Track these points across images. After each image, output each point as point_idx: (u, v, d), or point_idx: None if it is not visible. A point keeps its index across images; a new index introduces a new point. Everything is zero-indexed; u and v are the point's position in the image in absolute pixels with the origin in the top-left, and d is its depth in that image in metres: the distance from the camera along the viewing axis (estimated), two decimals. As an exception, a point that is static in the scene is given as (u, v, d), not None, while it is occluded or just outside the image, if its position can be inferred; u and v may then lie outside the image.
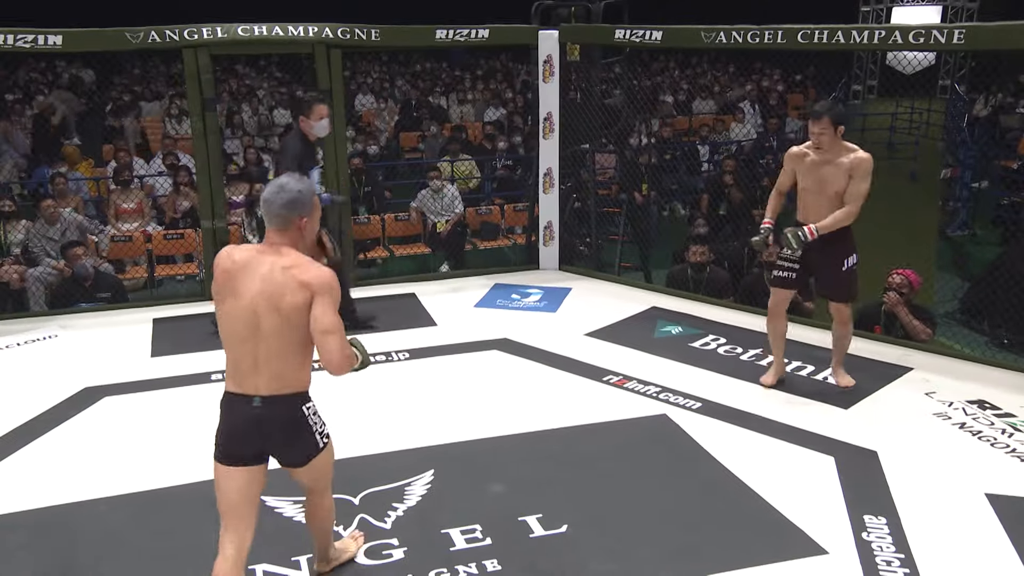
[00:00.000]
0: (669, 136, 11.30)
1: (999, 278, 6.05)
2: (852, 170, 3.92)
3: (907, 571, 2.92)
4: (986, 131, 10.37)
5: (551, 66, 6.40)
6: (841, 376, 4.40)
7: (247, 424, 2.51)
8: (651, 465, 3.70)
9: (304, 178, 2.62)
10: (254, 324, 2.48)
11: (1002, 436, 3.90)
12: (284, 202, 2.49)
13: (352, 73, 15.00)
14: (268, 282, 2.46)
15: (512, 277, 6.56)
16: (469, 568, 2.98)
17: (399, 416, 4.20)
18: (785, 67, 15.05)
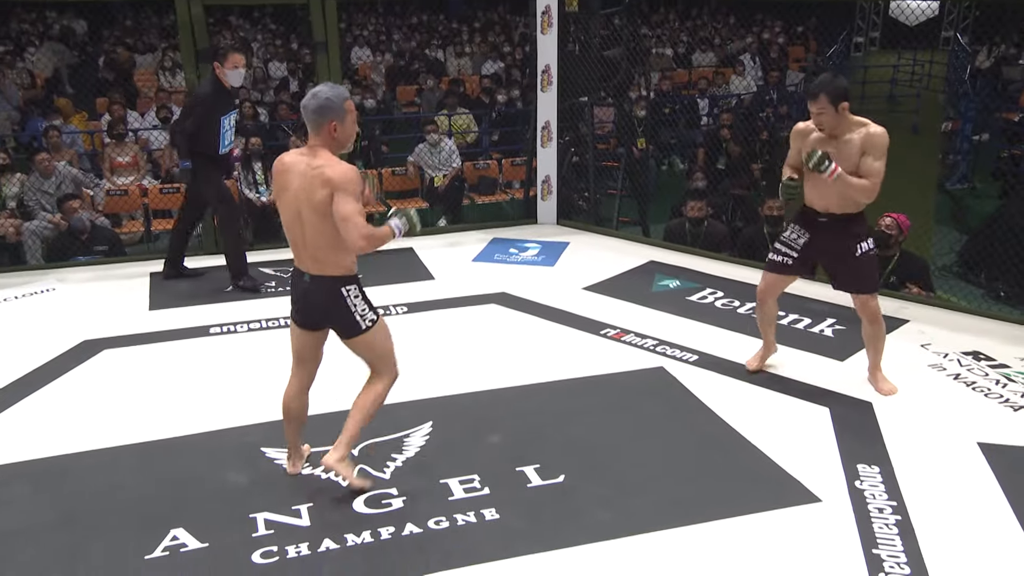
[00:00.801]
0: (668, 89, 11.18)
1: (997, 231, 6.04)
2: (864, 147, 3.49)
3: (899, 518, 2.96)
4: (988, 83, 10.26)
5: (549, 17, 6.30)
6: (881, 381, 3.87)
7: (300, 295, 3.02)
8: (648, 417, 3.72)
9: (336, 86, 2.93)
10: (297, 215, 2.89)
11: (996, 386, 3.92)
12: (315, 107, 2.83)
13: (348, 25, 14.77)
14: (303, 179, 2.84)
15: (510, 231, 6.55)
16: (467, 516, 3.01)
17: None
18: (786, 18, 14.83)
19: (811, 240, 3.74)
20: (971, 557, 2.77)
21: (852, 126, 3.54)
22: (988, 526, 2.93)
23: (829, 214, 3.66)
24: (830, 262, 3.79)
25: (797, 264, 3.80)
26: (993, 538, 2.87)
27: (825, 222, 3.68)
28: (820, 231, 3.70)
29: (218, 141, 5.19)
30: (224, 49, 5.21)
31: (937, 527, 2.91)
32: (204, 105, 5.11)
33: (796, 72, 12.32)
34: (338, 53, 6.07)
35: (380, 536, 2.91)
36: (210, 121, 5.13)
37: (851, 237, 3.65)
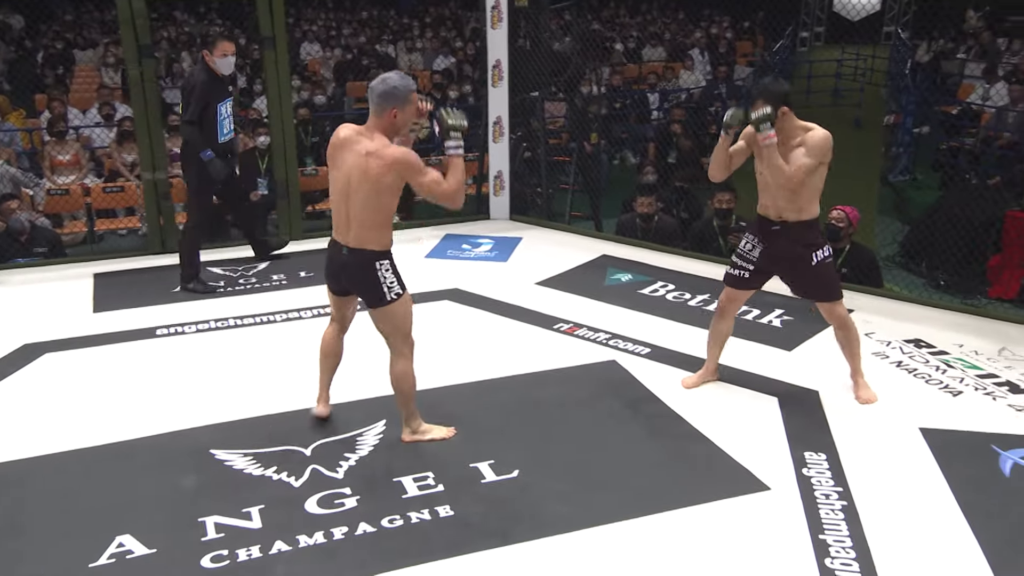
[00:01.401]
0: (619, 84, 11.25)
1: (937, 222, 6.21)
2: (803, 144, 3.48)
3: (844, 503, 3.03)
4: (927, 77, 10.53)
5: (499, 12, 6.30)
6: (861, 388, 3.78)
7: (336, 265, 3.27)
8: (601, 410, 3.75)
9: (407, 77, 3.10)
10: (346, 191, 3.10)
11: (936, 373, 4.03)
12: (381, 91, 3.03)
13: (296, 20, 14.58)
14: (359, 158, 3.04)
15: (463, 227, 6.54)
16: (422, 514, 3.00)
17: (350, 367, 4.16)
18: (734, 14, 15.03)
19: (766, 250, 3.67)
20: (913, 539, 2.85)
21: (797, 131, 3.50)
22: (929, 508, 3.02)
23: (782, 221, 3.60)
24: (786, 271, 3.73)
25: (754, 276, 3.74)
26: (933, 520, 2.95)
27: (778, 230, 3.61)
28: (774, 240, 3.63)
29: (216, 129, 5.13)
30: (212, 37, 5.17)
31: (881, 511, 2.99)
32: (199, 91, 5.05)
33: (744, 67, 12.49)
34: (286, 49, 5.99)
35: (333, 536, 2.89)
36: (208, 109, 5.08)
37: (806, 246, 3.59)
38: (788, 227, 3.59)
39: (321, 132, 8.11)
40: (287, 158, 6.13)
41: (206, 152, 5.09)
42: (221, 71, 5.13)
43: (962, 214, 6.33)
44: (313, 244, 6.17)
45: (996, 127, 8.62)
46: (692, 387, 3.92)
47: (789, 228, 3.59)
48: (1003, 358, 4.19)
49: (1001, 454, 3.33)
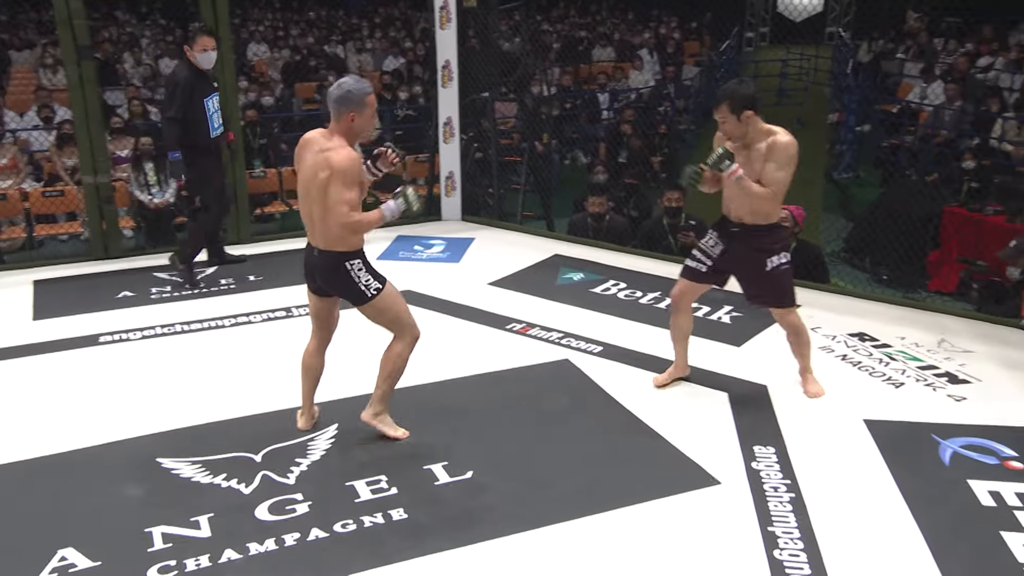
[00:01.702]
0: (569, 84, 11.31)
1: (878, 218, 6.37)
2: (768, 154, 3.43)
3: (792, 495, 3.09)
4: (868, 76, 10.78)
5: (448, 12, 6.28)
6: (810, 383, 3.84)
7: (309, 266, 3.28)
8: (554, 409, 3.77)
9: (362, 80, 3.15)
10: (307, 192, 3.14)
11: (879, 365, 4.13)
12: (337, 96, 3.07)
13: (242, 21, 14.36)
14: (314, 159, 3.08)
15: (414, 228, 6.51)
16: (375, 518, 2.98)
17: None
18: (681, 14, 15.21)
19: (725, 250, 3.65)
20: (858, 528, 2.92)
21: (761, 134, 3.45)
22: (873, 498, 3.09)
23: (741, 224, 3.58)
24: (742, 275, 3.73)
25: (711, 272, 3.71)
26: (877, 509, 3.03)
27: (737, 232, 3.60)
28: (733, 241, 3.62)
29: (207, 125, 5.12)
30: (193, 32, 5.17)
31: (827, 502, 3.05)
32: (184, 89, 5.02)
33: (692, 67, 12.65)
34: (231, 49, 5.89)
35: (284, 543, 2.85)
36: (194, 105, 5.05)
37: (762, 251, 3.57)
38: (747, 230, 3.58)
39: (269, 134, 8.00)
40: (234, 160, 6.02)
41: (173, 153, 5.12)
42: (202, 66, 5.10)
43: (902, 210, 6.51)
44: (263, 248, 6.09)
45: (933, 125, 8.87)
46: (662, 384, 3.92)
47: (748, 231, 3.58)
48: (942, 350, 4.31)
49: (941, 443, 3.43)
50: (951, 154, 8.08)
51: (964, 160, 7.81)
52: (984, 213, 6.80)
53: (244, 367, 4.19)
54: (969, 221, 6.81)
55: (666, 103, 10.81)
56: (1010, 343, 4.40)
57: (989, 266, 6.11)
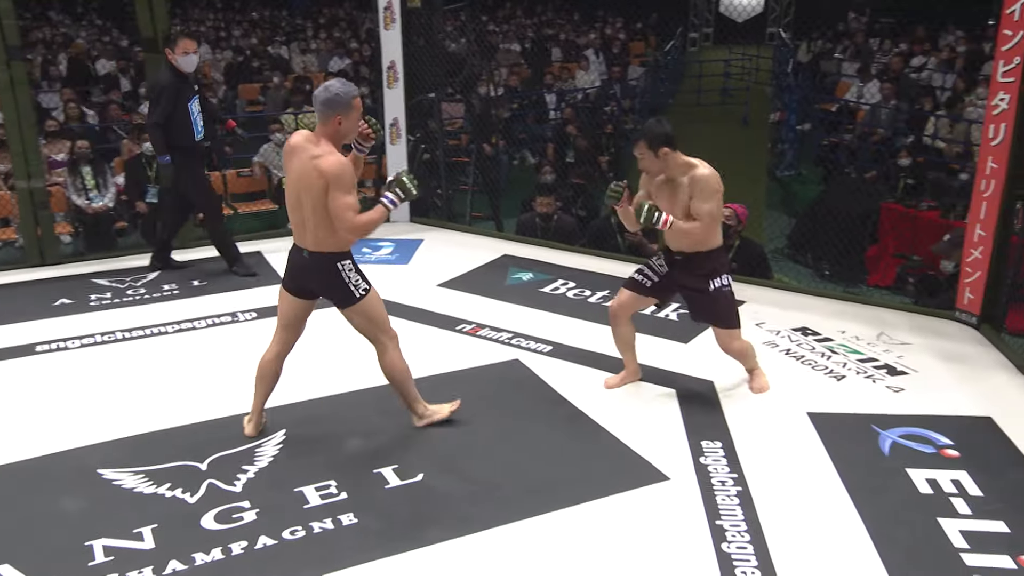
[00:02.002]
0: (517, 85, 11.33)
1: (819, 215, 6.51)
2: (691, 189, 3.51)
3: (739, 489, 3.14)
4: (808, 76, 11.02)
5: (392, 13, 6.24)
6: (755, 379, 3.93)
7: (298, 268, 3.29)
8: (504, 409, 3.77)
9: (348, 83, 3.14)
10: (298, 197, 3.16)
11: (821, 359, 4.23)
12: (324, 100, 3.08)
13: (183, 21, 14.08)
14: (303, 166, 3.10)
15: (362, 230, 6.44)
16: (324, 524, 2.95)
17: (247, 378, 4.06)
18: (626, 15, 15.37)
19: (669, 273, 3.74)
20: (802, 519, 2.98)
21: (681, 168, 3.54)
22: (816, 489, 3.16)
23: (682, 253, 3.67)
24: (687, 295, 3.84)
25: (655, 288, 3.78)
26: (820, 500, 3.10)
27: (679, 260, 3.69)
28: (675, 267, 3.72)
29: (192, 128, 5.15)
30: (174, 35, 5.20)
31: (773, 494, 3.11)
32: (168, 92, 5.06)
33: (637, 67, 12.78)
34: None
35: (232, 552, 2.80)
36: (179, 109, 5.08)
37: (704, 274, 3.65)
38: (689, 258, 3.66)
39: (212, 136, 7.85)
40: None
41: (164, 158, 5.18)
42: (184, 69, 5.12)
43: (842, 207, 6.68)
44: (205, 252, 5.97)
45: (870, 123, 9.11)
46: (614, 387, 3.95)
47: (690, 259, 3.66)
48: (881, 342, 4.43)
49: (881, 433, 3.52)
50: (888, 152, 8.31)
51: (900, 157, 8.04)
52: (919, 209, 7.01)
53: (188, 374, 4.11)
54: (905, 217, 7.01)
55: (612, 103, 10.91)
56: (945, 335, 4.54)
57: (924, 260, 6.30)
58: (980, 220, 4.45)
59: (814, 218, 6.82)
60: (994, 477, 3.21)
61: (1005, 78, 4.21)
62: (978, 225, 4.47)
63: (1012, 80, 4.18)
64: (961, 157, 8.07)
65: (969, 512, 3.00)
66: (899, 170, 7.89)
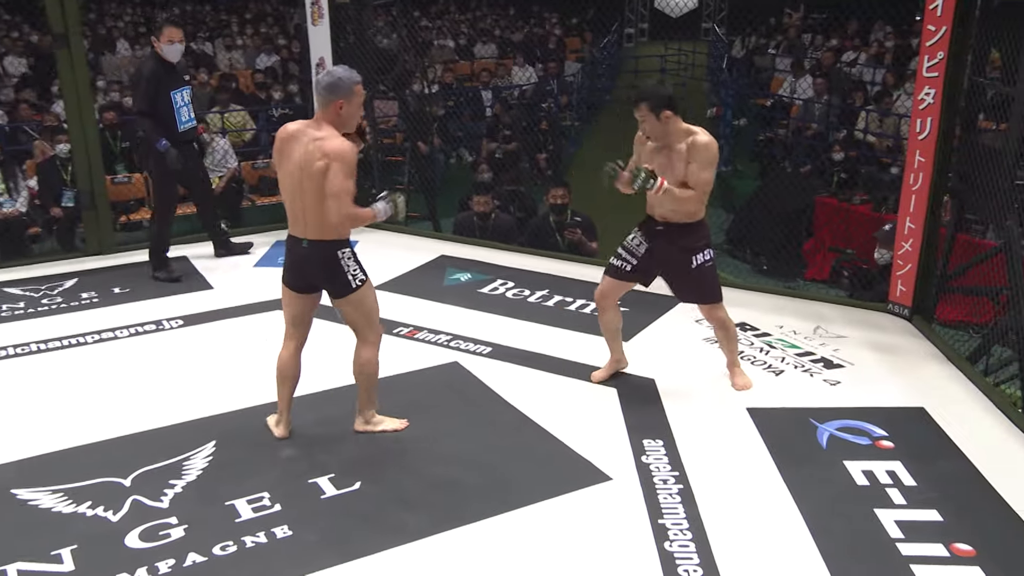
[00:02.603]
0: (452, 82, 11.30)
1: (756, 210, 6.65)
2: (690, 155, 3.50)
3: (681, 487, 3.19)
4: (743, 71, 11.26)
5: (319, 8, 6.17)
6: (737, 376, 3.97)
7: (297, 259, 3.28)
8: (444, 413, 3.76)
9: (352, 70, 3.17)
10: (298, 183, 3.14)
11: (760, 354, 4.32)
12: (326, 84, 3.11)
13: (99, 16, 13.67)
14: (305, 150, 3.11)
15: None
16: (257, 537, 2.90)
17: (174, 388, 3.98)
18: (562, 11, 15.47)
19: (650, 250, 3.72)
20: (742, 515, 3.04)
21: (681, 134, 3.53)
22: (756, 484, 3.23)
23: (666, 223, 3.66)
24: (668, 274, 3.82)
25: (635, 271, 3.78)
26: (760, 494, 3.16)
27: (662, 231, 3.68)
28: (658, 240, 3.70)
29: (174, 119, 5.14)
30: (159, 23, 5.23)
31: (714, 491, 3.17)
32: (149, 82, 5.07)
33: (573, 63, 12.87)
34: (82, 47, 5.59)
35: (158, 571, 2.73)
36: (161, 98, 5.09)
37: (687, 250, 3.67)
38: (671, 229, 3.66)
39: (132, 137, 7.64)
40: (91, 166, 5.73)
41: (161, 142, 5.11)
42: (168, 58, 5.13)
43: (778, 202, 6.84)
44: (127, 258, 5.82)
45: (804, 118, 9.35)
46: (602, 380, 4.00)
47: (672, 230, 3.66)
48: (818, 336, 4.55)
49: (819, 427, 3.62)
50: (821, 147, 8.54)
51: (833, 151, 8.27)
52: (852, 203, 7.23)
53: (109, 386, 3.99)
54: (839, 211, 7.22)
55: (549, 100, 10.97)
56: (879, 327, 4.69)
57: (857, 253, 6.49)
58: (910, 213, 4.61)
59: (751, 213, 6.97)
60: (927, 467, 3.33)
61: (930, 73, 4.37)
62: (908, 218, 4.62)
63: (936, 75, 4.34)
64: (892, 151, 8.35)
65: (904, 502, 3.10)
66: (833, 164, 8.12)
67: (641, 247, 3.75)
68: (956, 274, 4.76)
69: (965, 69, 4.39)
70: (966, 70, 4.40)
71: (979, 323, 4.80)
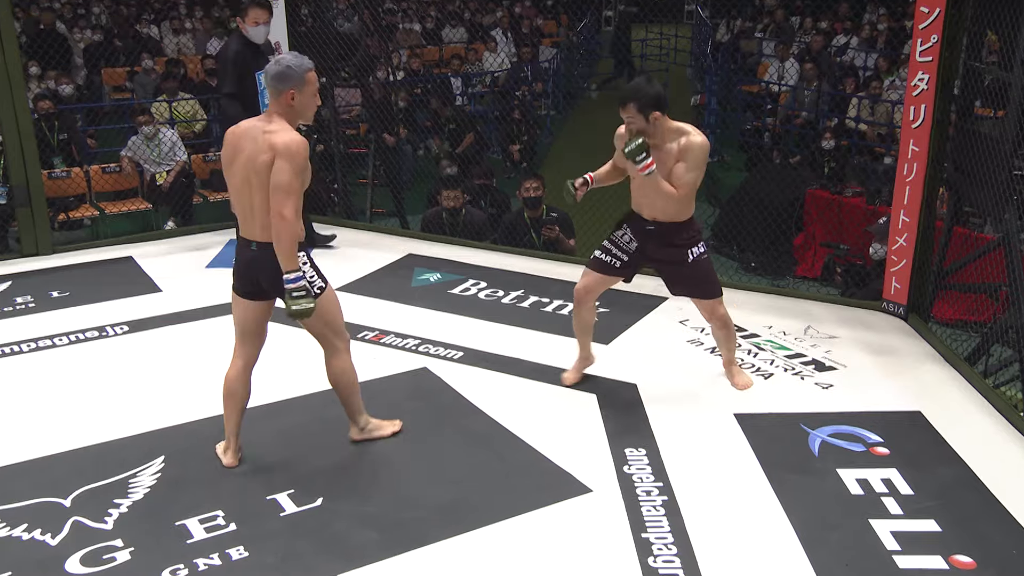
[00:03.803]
0: (419, 68, 11.27)
1: (743, 203, 6.70)
2: (680, 154, 3.54)
3: (665, 498, 3.20)
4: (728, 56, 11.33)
5: (275, -12, 6.12)
6: (737, 375, 4.06)
7: (245, 263, 3.20)
8: (412, 423, 3.74)
9: (302, 56, 3.14)
10: (246, 180, 3.08)
11: (748, 356, 4.35)
12: (275, 73, 3.06)
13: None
14: (254, 144, 3.05)
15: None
16: (211, 560, 2.87)
17: (119, 399, 3.94)
18: (537, -8, 15.47)
19: (640, 248, 3.76)
20: (730, 526, 3.06)
21: (672, 134, 3.56)
22: (744, 494, 3.25)
23: (656, 222, 3.70)
24: (664, 271, 3.89)
25: (625, 267, 3.82)
26: (749, 505, 3.19)
27: (653, 230, 3.72)
28: (650, 241, 3.74)
29: (259, 101, 5.26)
30: (245, 4, 5.33)
31: (700, 503, 3.18)
32: (235, 63, 5.24)
33: (549, 47, 12.89)
34: (12, 29, 5.51)
35: (103, 599, 2.70)
36: (245, 79, 5.24)
37: (681, 245, 3.72)
38: (662, 228, 3.70)
39: (70, 127, 7.54)
40: (26, 159, 5.66)
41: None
42: (255, 40, 5.31)
43: (767, 194, 6.89)
44: (66, 259, 5.75)
45: (793, 106, 9.44)
46: (575, 381, 4.05)
47: (663, 229, 3.70)
48: (809, 336, 4.59)
49: (810, 433, 3.65)
50: (812, 135, 8.62)
51: (824, 139, 8.34)
52: (845, 195, 7.30)
53: (47, 398, 3.94)
54: (831, 204, 7.29)
55: (524, 86, 10.98)
56: (873, 327, 4.74)
57: (851, 249, 6.56)
58: (904, 206, 4.67)
59: (738, 207, 7.01)
60: (924, 474, 3.37)
61: (923, 57, 4.43)
62: (902, 211, 4.68)
63: (930, 60, 4.39)
64: (884, 140, 8.45)
65: (900, 512, 3.14)
66: (823, 154, 8.20)
67: (632, 244, 3.78)
68: (953, 270, 4.83)
69: (960, 53, 4.45)
70: (961, 54, 4.46)
71: (978, 321, 4.87)
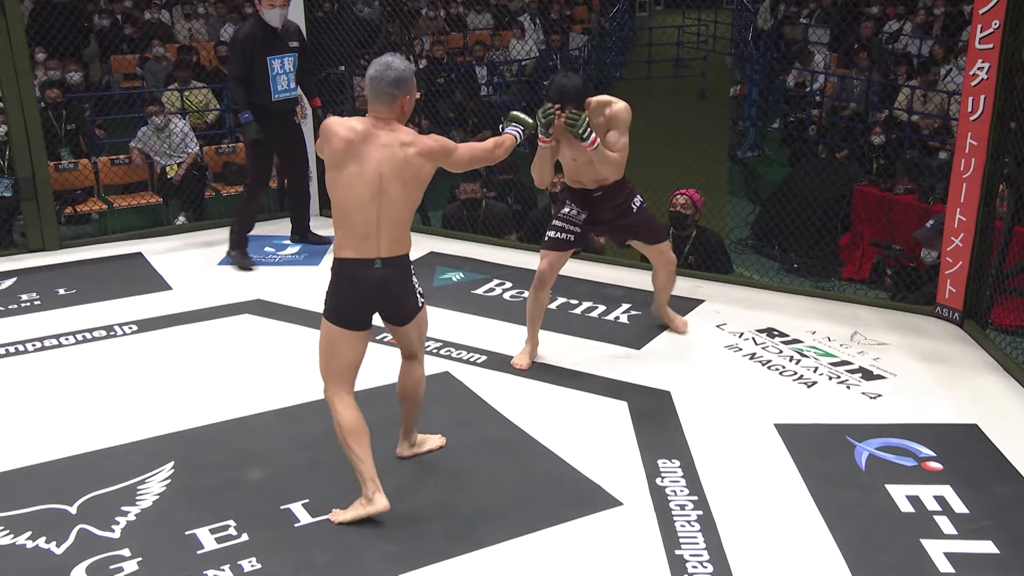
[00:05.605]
0: (442, 56, 11.31)
1: (786, 200, 6.65)
2: (609, 123, 4.08)
3: (700, 513, 3.19)
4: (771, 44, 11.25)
5: (293, -28, 6.17)
6: (675, 318, 4.67)
7: (371, 285, 3.08)
8: (433, 429, 3.75)
9: (400, 57, 3.11)
10: (378, 189, 3.02)
11: (790, 363, 4.33)
12: (391, 80, 3.02)
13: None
14: (392, 154, 3.03)
15: (265, 227, 6.35)
16: (222, 571, 2.90)
17: (128, 402, 3.99)
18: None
19: (590, 216, 4.25)
20: (770, 544, 3.04)
21: (599, 108, 4.09)
22: (786, 510, 3.23)
23: (603, 187, 4.21)
24: (613, 228, 4.42)
25: (578, 240, 4.27)
26: (791, 521, 3.17)
27: (600, 196, 4.22)
28: (597, 205, 4.23)
29: (269, 86, 5.39)
30: None
31: (738, 518, 3.17)
32: (244, 46, 5.35)
33: (579, 34, 12.88)
34: (19, 15, 5.59)
35: (109, 610, 2.74)
36: (256, 64, 5.34)
37: (623, 200, 4.26)
38: (607, 191, 4.22)
39: (78, 117, 7.63)
40: (32, 151, 5.74)
41: (244, 114, 5.41)
42: (271, 22, 5.37)
43: (811, 191, 6.84)
44: (73, 255, 5.83)
45: (840, 97, 9.36)
46: (527, 367, 4.28)
47: (608, 191, 4.22)
48: (855, 343, 4.56)
49: (857, 446, 3.62)
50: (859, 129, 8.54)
51: (872, 134, 8.27)
52: (895, 192, 7.23)
53: (53, 401, 3.99)
54: (881, 201, 7.22)
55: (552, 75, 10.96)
56: (925, 333, 4.69)
57: (903, 250, 6.49)
58: (960, 204, 4.61)
59: (781, 204, 6.96)
60: (981, 492, 3.33)
61: (983, 44, 4.37)
62: (958, 209, 4.63)
63: (991, 47, 4.34)
64: (939, 133, 8.36)
65: (954, 532, 3.10)
66: (872, 149, 8.12)
67: (580, 216, 4.24)
68: (1014, 273, 4.77)
69: None
70: (1025, 42, 4.40)
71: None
